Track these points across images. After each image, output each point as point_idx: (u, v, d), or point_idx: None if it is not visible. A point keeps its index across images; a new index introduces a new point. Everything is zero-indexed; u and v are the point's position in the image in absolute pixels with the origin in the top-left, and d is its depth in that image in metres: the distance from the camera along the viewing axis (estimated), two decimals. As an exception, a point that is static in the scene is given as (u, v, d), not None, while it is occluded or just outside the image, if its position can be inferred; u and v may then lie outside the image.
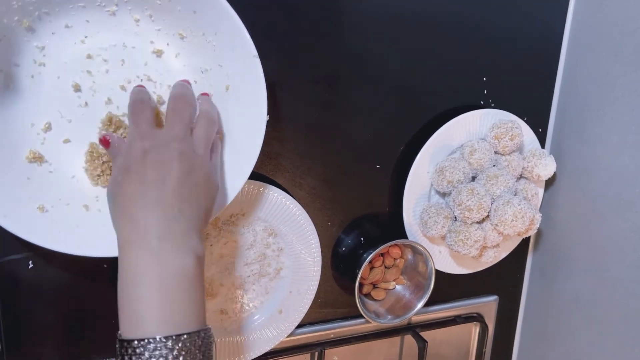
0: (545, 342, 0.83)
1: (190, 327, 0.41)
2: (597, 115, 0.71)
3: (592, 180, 0.72)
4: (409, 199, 0.69)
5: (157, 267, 0.41)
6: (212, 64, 0.53)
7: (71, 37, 0.50)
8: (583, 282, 0.75)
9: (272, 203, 0.62)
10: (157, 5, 0.50)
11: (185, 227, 0.43)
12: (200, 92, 0.53)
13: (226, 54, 0.52)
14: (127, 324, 0.40)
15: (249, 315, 0.66)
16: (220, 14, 0.49)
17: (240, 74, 0.53)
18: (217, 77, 0.54)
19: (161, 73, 0.53)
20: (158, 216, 0.42)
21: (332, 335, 0.72)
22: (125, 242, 0.42)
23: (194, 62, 0.54)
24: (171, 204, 0.43)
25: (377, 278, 0.71)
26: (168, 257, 0.41)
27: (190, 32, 0.52)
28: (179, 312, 0.41)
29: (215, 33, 0.51)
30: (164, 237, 0.42)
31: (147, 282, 0.40)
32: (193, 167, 0.45)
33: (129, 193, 0.43)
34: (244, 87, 0.53)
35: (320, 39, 0.62)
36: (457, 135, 0.70)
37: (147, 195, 0.43)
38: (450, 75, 0.69)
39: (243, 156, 0.54)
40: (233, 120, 0.54)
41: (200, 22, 0.51)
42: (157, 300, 0.40)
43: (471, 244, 0.66)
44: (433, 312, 0.78)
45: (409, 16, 0.65)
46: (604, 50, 0.70)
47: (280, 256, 0.66)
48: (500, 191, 0.67)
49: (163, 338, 0.39)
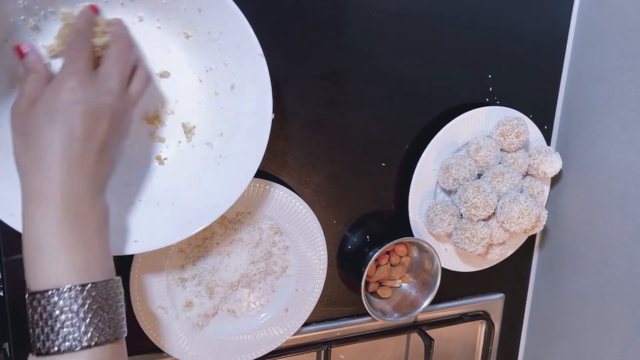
0: (552, 340, 0.83)
1: (97, 276, 0.42)
2: (603, 111, 0.71)
3: (599, 176, 0.72)
4: (414, 197, 0.69)
5: (65, 223, 0.41)
6: (218, 63, 0.53)
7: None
8: (590, 278, 0.75)
9: (278, 201, 0.63)
10: (162, 5, 0.50)
11: (97, 188, 0.44)
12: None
13: (231, 52, 0.52)
14: (33, 275, 0.41)
15: (256, 314, 0.66)
16: (226, 12, 0.50)
17: (245, 72, 0.53)
18: (222, 76, 0.54)
19: (166, 71, 0.53)
20: (75, 174, 0.42)
21: (339, 333, 0.72)
22: (34, 196, 0.41)
23: (199, 61, 0.54)
24: (92, 164, 0.43)
25: (383, 276, 0.71)
26: (78, 214, 0.41)
27: (196, 30, 0.52)
28: (86, 261, 0.41)
29: (220, 32, 0.51)
30: (77, 197, 0.42)
31: (54, 237, 0.40)
32: (120, 129, 0.45)
33: (48, 141, 0.41)
34: (250, 85, 0.53)
35: (325, 36, 0.62)
36: (463, 133, 0.69)
37: (71, 151, 0.41)
38: (456, 72, 0.69)
39: (249, 155, 0.54)
40: (238, 118, 0.54)
41: (206, 21, 0.51)
42: (64, 252, 0.40)
43: (477, 242, 0.66)
44: (439, 310, 0.78)
45: (414, 14, 0.65)
46: (609, 46, 0.70)
47: (286, 254, 0.66)
48: (506, 188, 0.67)
49: (72, 287, 0.40)
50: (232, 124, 0.55)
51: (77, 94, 0.42)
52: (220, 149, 0.56)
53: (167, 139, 0.56)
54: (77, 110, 0.42)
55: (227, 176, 0.55)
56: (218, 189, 0.55)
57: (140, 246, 0.52)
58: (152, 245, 0.53)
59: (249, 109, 0.54)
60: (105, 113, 0.44)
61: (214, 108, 0.55)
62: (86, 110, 0.42)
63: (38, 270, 0.40)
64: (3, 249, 0.55)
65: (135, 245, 0.52)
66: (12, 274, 0.56)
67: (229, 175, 0.55)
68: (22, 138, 0.42)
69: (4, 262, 0.56)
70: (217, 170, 0.55)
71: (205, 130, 0.56)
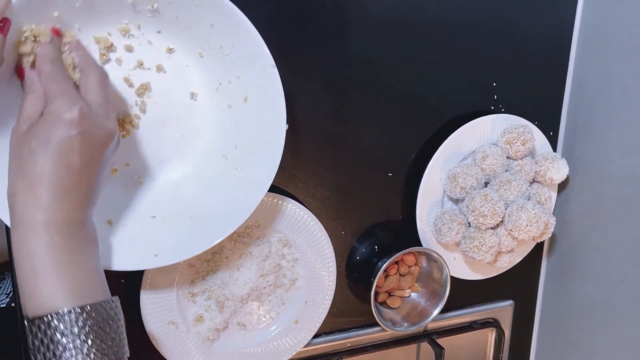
0: (562, 347, 0.83)
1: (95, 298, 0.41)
2: (609, 117, 0.71)
3: (606, 182, 0.72)
4: (422, 206, 0.69)
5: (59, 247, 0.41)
6: (231, 76, 0.54)
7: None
8: (599, 284, 0.75)
9: (286, 214, 0.63)
10: (174, 21, 0.50)
11: (88, 211, 0.44)
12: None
13: (244, 65, 0.53)
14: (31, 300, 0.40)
15: (266, 327, 0.66)
16: (238, 26, 0.50)
17: (258, 84, 0.53)
18: (235, 89, 0.54)
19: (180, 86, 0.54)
20: (69, 202, 0.42)
21: (349, 344, 0.72)
22: (26, 222, 0.40)
23: (213, 75, 0.54)
24: (84, 192, 0.43)
25: (392, 286, 0.71)
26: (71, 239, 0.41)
27: (208, 45, 0.52)
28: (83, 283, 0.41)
29: (232, 45, 0.52)
30: (70, 223, 0.42)
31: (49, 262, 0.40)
32: (109, 157, 0.46)
33: (44, 170, 0.41)
34: (263, 97, 0.53)
35: (329, 48, 0.62)
36: (469, 142, 0.70)
37: (65, 181, 0.41)
38: (460, 81, 0.69)
39: (264, 165, 0.55)
40: (253, 130, 0.55)
41: (218, 35, 0.51)
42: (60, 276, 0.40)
43: (486, 250, 0.66)
44: (449, 318, 0.78)
45: (417, 24, 0.65)
46: (613, 52, 0.70)
47: (295, 267, 0.66)
48: (513, 196, 0.67)
49: (69, 310, 0.39)
50: (246, 135, 0.56)
51: (75, 128, 0.42)
52: (236, 161, 0.56)
53: (183, 154, 0.56)
54: (76, 143, 0.42)
55: (243, 187, 0.55)
56: (235, 200, 0.55)
57: (160, 260, 0.53)
58: (172, 259, 0.53)
59: (263, 120, 0.54)
60: (101, 145, 0.44)
61: (228, 121, 0.56)
62: (83, 142, 0.42)
63: (35, 295, 0.40)
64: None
65: (155, 260, 0.53)
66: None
67: (245, 186, 0.55)
68: (17, 162, 0.42)
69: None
70: (233, 182, 0.56)
71: (220, 142, 0.57)
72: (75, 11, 0.47)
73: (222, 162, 0.56)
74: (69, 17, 0.47)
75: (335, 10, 0.61)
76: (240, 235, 0.62)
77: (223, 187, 0.56)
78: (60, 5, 0.46)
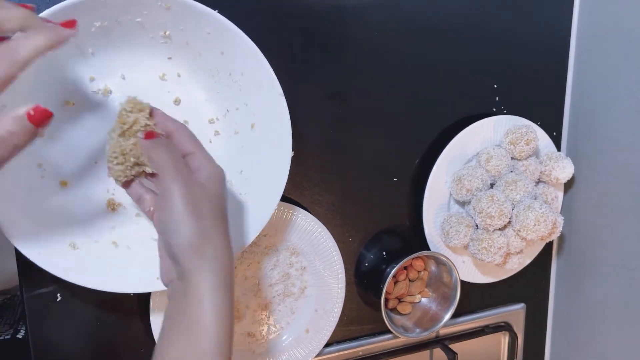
0: (577, 348, 0.82)
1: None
2: (611, 114, 0.71)
3: (612, 180, 0.72)
4: (428, 210, 0.69)
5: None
6: (239, 103, 0.54)
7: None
8: (610, 283, 0.74)
9: (293, 222, 0.63)
10: (184, 47, 0.51)
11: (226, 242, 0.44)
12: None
13: (252, 93, 0.53)
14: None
15: (277, 337, 0.66)
16: (248, 54, 0.51)
17: (265, 112, 0.54)
18: (243, 116, 0.55)
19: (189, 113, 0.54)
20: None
21: (361, 352, 0.72)
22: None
23: (221, 102, 0.55)
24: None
25: (402, 292, 0.70)
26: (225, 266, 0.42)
27: (217, 72, 0.53)
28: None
29: (242, 73, 0.52)
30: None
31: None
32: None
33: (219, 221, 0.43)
34: (270, 124, 0.54)
35: (329, 55, 0.62)
36: (472, 144, 0.70)
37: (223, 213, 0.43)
38: (461, 84, 0.70)
39: (268, 191, 0.55)
40: (258, 156, 0.55)
41: (228, 63, 0.52)
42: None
43: (495, 251, 0.66)
44: (460, 323, 0.77)
45: (416, 28, 0.66)
46: (612, 49, 0.70)
47: (303, 275, 0.66)
48: (520, 196, 0.66)
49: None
50: (251, 161, 0.56)
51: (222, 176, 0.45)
52: (240, 187, 0.56)
53: None
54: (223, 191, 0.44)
55: (248, 212, 0.56)
56: (239, 226, 0.55)
57: None
58: None
59: (269, 147, 0.55)
60: (221, 186, 0.45)
61: (234, 146, 0.56)
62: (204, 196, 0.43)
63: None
64: (24, 286, 0.55)
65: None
66: (34, 311, 0.56)
67: (250, 211, 0.55)
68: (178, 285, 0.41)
69: (26, 299, 0.56)
70: (237, 208, 0.56)
71: (225, 168, 0.56)
72: (91, 35, 0.48)
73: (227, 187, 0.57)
74: (84, 41, 0.48)
75: (337, 17, 0.62)
76: (248, 245, 0.62)
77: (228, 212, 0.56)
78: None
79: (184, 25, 0.49)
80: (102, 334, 0.59)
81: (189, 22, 0.49)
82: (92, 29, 0.47)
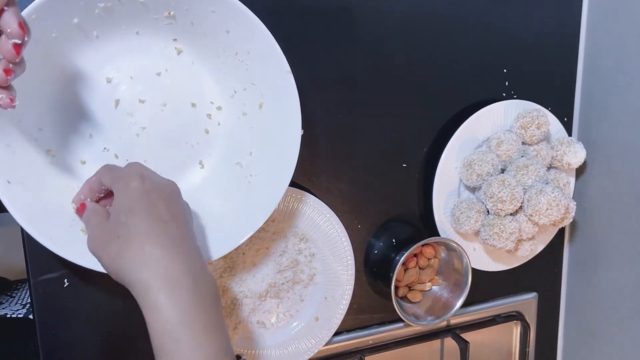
0: (590, 338, 0.80)
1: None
2: (624, 99, 0.70)
3: (625, 164, 0.71)
4: (438, 196, 0.68)
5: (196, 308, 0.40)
6: (246, 83, 0.54)
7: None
8: (624, 270, 0.73)
9: (302, 208, 0.62)
10: (190, 29, 0.51)
11: (203, 262, 0.44)
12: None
13: (259, 72, 0.53)
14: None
15: (286, 325, 0.65)
16: (253, 31, 0.50)
17: (273, 90, 0.53)
18: (250, 96, 0.54)
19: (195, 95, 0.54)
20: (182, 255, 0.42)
21: (371, 341, 0.71)
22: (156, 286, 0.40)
23: (228, 83, 0.54)
24: (187, 242, 0.44)
25: (412, 280, 0.69)
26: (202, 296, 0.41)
27: (223, 52, 0.52)
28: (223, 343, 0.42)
29: (248, 52, 0.52)
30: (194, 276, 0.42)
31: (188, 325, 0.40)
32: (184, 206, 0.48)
33: (141, 230, 0.41)
34: (278, 103, 0.53)
35: (339, 40, 0.62)
36: (482, 129, 0.69)
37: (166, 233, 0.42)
38: (471, 69, 0.69)
39: (279, 171, 0.54)
40: (268, 136, 0.55)
41: (234, 42, 0.51)
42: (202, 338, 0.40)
43: (506, 237, 0.65)
44: (472, 312, 0.76)
45: (426, 13, 0.65)
46: (623, 31, 0.69)
47: (312, 262, 0.65)
48: (531, 181, 0.65)
49: None
50: (261, 142, 0.55)
51: (145, 185, 0.43)
52: (250, 168, 0.56)
53: (197, 162, 0.56)
54: (154, 198, 0.43)
55: (258, 194, 0.55)
56: (249, 208, 0.55)
57: None
58: None
59: (278, 127, 0.54)
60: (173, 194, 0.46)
61: (243, 128, 0.56)
62: (159, 197, 0.44)
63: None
64: (31, 271, 0.55)
65: None
66: (41, 295, 0.56)
67: (260, 193, 0.55)
68: (113, 246, 0.42)
69: (33, 284, 0.55)
70: (248, 189, 0.55)
71: (234, 150, 0.56)
72: (94, 18, 0.48)
73: (237, 169, 0.56)
74: (88, 24, 0.48)
75: (346, 2, 0.61)
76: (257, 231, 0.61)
77: (238, 195, 0.56)
78: (80, 12, 0.46)
79: (188, 5, 0.49)
80: (109, 319, 0.59)
81: (193, 1, 0.49)
82: (95, 10, 0.47)
